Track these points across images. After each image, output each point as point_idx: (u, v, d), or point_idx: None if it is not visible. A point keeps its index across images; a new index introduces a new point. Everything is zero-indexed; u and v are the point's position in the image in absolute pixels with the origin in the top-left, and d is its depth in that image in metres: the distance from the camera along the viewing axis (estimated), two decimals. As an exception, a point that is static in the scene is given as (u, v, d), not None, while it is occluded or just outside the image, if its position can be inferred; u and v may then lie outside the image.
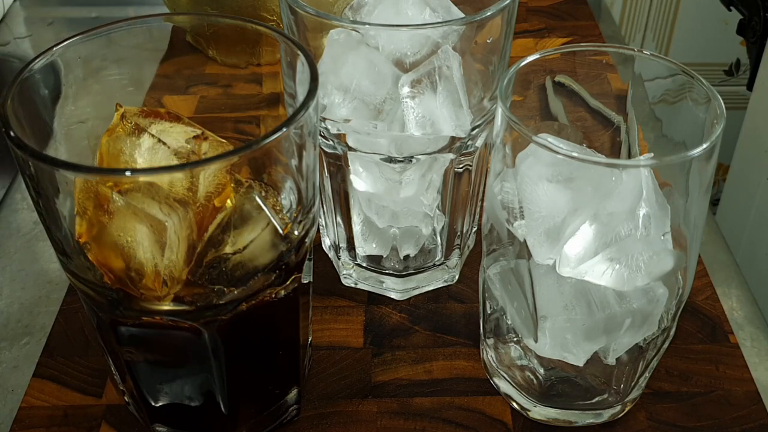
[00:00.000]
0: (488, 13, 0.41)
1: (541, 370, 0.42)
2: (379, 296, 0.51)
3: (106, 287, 0.35)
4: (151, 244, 0.33)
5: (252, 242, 0.35)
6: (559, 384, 0.42)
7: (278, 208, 0.37)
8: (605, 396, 0.42)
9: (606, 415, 0.43)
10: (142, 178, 0.32)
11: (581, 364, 0.40)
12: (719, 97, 0.36)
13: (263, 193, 0.36)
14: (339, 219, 0.49)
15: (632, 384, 0.42)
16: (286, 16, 0.43)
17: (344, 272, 0.52)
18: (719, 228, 0.60)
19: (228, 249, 0.34)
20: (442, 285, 0.52)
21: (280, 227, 0.36)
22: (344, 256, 0.51)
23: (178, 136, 0.35)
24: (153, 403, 0.40)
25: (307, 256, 0.40)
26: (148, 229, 0.33)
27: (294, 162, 0.35)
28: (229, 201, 0.34)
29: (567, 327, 0.38)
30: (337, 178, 0.47)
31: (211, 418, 0.41)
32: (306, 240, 0.38)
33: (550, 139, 0.35)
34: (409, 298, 0.51)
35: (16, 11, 0.88)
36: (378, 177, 0.45)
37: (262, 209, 0.35)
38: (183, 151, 0.35)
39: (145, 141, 0.35)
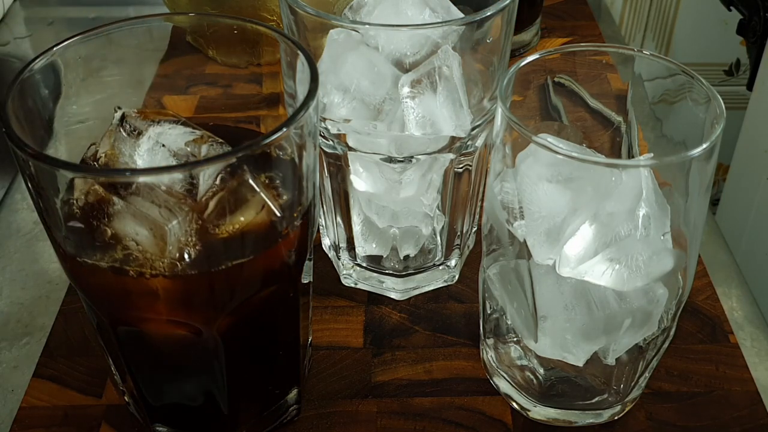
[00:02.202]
0: (488, 13, 0.41)
1: (541, 370, 0.42)
2: (379, 296, 0.51)
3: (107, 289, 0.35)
4: (150, 246, 0.33)
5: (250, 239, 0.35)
6: (559, 384, 0.42)
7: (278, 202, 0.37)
8: (605, 396, 0.42)
9: (606, 415, 0.43)
10: (142, 179, 0.32)
11: (581, 364, 0.40)
12: (719, 97, 0.36)
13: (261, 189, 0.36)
14: (339, 219, 0.49)
15: (632, 384, 0.42)
16: (286, 16, 0.43)
17: (344, 272, 0.52)
18: (719, 228, 0.60)
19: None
20: (442, 285, 0.52)
21: (280, 227, 0.36)
22: (344, 256, 0.51)
23: (177, 138, 0.35)
24: (153, 403, 0.40)
25: (307, 256, 0.40)
26: (147, 232, 0.33)
27: (294, 162, 0.35)
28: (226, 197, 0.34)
29: (567, 327, 0.38)
30: (337, 178, 0.47)
31: (211, 418, 0.41)
32: (306, 240, 0.38)
33: (550, 139, 0.35)
34: (409, 298, 0.51)
35: (16, 11, 0.88)
36: (378, 177, 0.45)
37: (258, 192, 0.35)
38: (182, 154, 0.35)
39: (144, 143, 0.35)
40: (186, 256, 0.33)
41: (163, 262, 0.33)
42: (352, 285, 0.52)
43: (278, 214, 0.35)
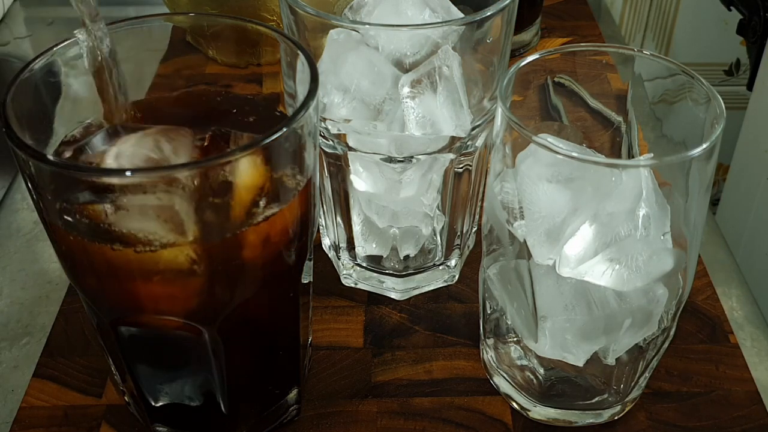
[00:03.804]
0: (488, 13, 0.41)
1: (541, 370, 0.42)
2: (379, 296, 0.51)
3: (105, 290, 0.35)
4: (151, 245, 0.33)
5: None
6: (559, 384, 0.42)
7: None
8: (605, 396, 0.42)
9: (606, 415, 0.43)
10: (141, 179, 0.32)
11: (581, 365, 0.40)
12: (719, 97, 0.36)
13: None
14: (339, 219, 0.49)
15: (632, 384, 0.42)
16: (286, 16, 0.43)
17: (344, 272, 0.52)
18: (719, 228, 0.60)
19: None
20: (442, 285, 0.52)
21: (280, 227, 0.36)
22: (344, 256, 0.51)
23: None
24: (153, 403, 0.40)
25: (307, 256, 0.40)
26: (147, 231, 0.33)
27: (294, 162, 0.35)
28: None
29: (567, 327, 0.38)
30: (337, 178, 0.47)
31: (211, 418, 0.41)
32: (306, 240, 0.38)
33: (550, 139, 0.35)
34: (409, 298, 0.51)
35: (16, 11, 0.88)
36: (378, 177, 0.45)
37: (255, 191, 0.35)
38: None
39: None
40: (186, 253, 0.33)
41: (164, 261, 0.33)
42: (352, 285, 0.52)
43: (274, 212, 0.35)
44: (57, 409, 0.44)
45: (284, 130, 0.32)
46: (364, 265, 0.51)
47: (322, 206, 0.50)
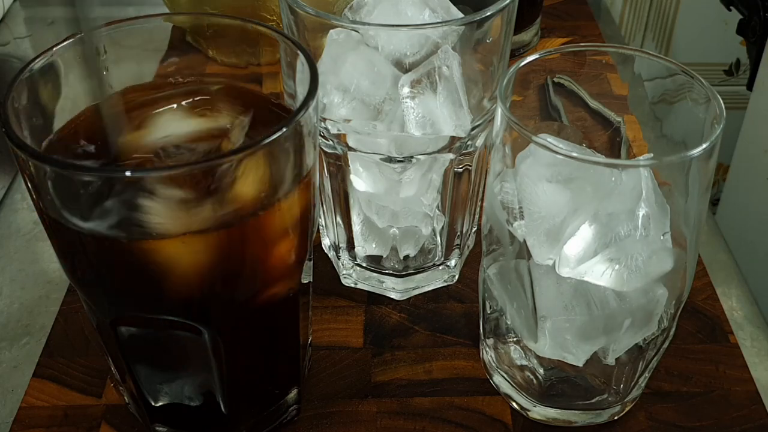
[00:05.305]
0: (488, 13, 0.41)
1: (541, 370, 0.42)
2: (379, 296, 0.51)
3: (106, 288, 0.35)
4: (150, 240, 0.33)
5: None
6: (559, 384, 0.42)
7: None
8: (605, 396, 0.42)
9: (606, 415, 0.43)
10: (142, 178, 0.32)
11: (581, 365, 0.40)
12: (719, 97, 0.36)
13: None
14: (339, 219, 0.49)
15: (632, 384, 0.42)
16: (286, 16, 0.43)
17: (344, 272, 0.52)
18: (719, 228, 0.60)
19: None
20: (441, 285, 0.52)
21: (280, 227, 0.36)
22: (344, 256, 0.51)
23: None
24: (153, 403, 0.40)
25: (307, 256, 0.40)
26: (148, 227, 0.33)
27: (294, 162, 0.35)
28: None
29: (567, 327, 0.38)
30: (337, 178, 0.47)
31: (211, 418, 0.41)
32: (306, 240, 0.38)
33: (549, 139, 0.35)
34: (409, 298, 0.51)
35: (16, 11, 0.88)
36: (378, 177, 0.45)
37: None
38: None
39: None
40: (186, 252, 0.33)
41: (164, 260, 0.33)
42: (352, 285, 0.52)
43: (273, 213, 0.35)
44: (57, 409, 0.44)
45: (284, 130, 0.32)
46: (364, 265, 0.51)
47: (322, 206, 0.50)
